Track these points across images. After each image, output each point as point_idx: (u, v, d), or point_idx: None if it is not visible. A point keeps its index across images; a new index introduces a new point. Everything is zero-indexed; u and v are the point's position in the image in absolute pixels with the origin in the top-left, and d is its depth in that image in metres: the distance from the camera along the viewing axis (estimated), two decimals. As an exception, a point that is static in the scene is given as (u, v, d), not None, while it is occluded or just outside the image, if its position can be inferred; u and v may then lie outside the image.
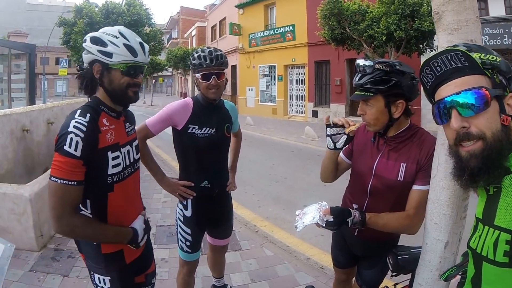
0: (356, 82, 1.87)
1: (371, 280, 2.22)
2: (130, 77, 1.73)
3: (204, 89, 2.40)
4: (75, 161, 1.52)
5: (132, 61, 1.71)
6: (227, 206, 2.78)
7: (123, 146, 1.82)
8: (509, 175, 1.06)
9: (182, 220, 2.59)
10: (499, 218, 1.05)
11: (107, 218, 1.75)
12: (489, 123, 1.07)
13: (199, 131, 2.41)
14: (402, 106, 1.85)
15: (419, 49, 11.55)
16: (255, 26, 23.31)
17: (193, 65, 2.39)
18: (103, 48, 1.67)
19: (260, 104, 23.41)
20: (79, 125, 1.57)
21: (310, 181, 7.50)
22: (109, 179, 1.72)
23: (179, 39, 47.13)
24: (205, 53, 2.36)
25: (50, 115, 6.08)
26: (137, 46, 1.73)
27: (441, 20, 1.53)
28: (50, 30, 27.25)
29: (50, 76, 44.41)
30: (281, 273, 3.69)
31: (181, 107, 2.43)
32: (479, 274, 1.13)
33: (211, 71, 2.35)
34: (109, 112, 1.76)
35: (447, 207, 1.60)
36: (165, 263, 3.74)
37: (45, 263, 3.61)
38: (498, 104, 1.07)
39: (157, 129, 2.43)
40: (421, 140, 1.89)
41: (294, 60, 20.48)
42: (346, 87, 17.80)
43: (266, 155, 10.12)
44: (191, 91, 34.82)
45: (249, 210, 5.64)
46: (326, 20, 12.62)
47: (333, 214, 1.80)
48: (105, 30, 1.74)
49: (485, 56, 1.09)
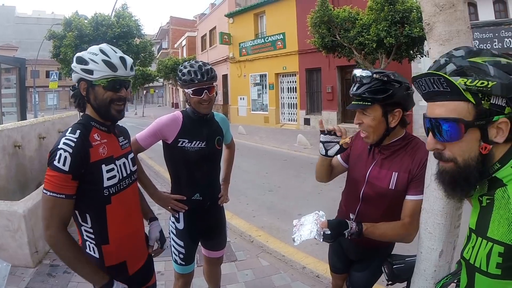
0: (354, 92, 1.90)
1: (359, 283, 2.24)
2: (113, 91, 1.78)
3: (195, 104, 2.39)
4: (64, 175, 1.60)
5: (112, 76, 1.76)
6: (219, 218, 2.77)
7: (118, 158, 1.87)
8: (501, 188, 1.06)
9: (174, 233, 2.59)
10: (492, 230, 1.05)
11: (108, 231, 1.78)
12: (461, 151, 1.09)
13: (189, 145, 2.41)
14: (399, 115, 1.89)
15: (410, 55, 11.64)
16: (245, 35, 23.38)
17: (183, 81, 2.37)
18: (85, 66, 1.75)
19: (252, 113, 23.42)
20: (68, 141, 1.65)
21: (304, 189, 7.52)
22: (105, 191, 1.76)
23: (169, 49, 47.18)
24: (195, 68, 2.36)
25: (41, 129, 6.05)
26: (116, 60, 1.78)
27: (432, 31, 1.54)
28: (39, 43, 27.18)
29: (40, 89, 44.11)
30: (277, 283, 3.68)
31: (170, 121, 2.43)
32: (472, 284, 1.14)
33: (202, 86, 2.35)
34: (100, 127, 1.83)
35: (441, 216, 1.61)
36: (161, 276, 3.69)
37: (41, 279, 3.58)
38: (479, 132, 1.07)
39: (147, 143, 2.44)
40: (414, 150, 1.93)
41: (285, 68, 20.56)
42: (338, 94, 17.91)
43: (259, 164, 10.12)
44: (182, 101, 34.78)
45: (244, 220, 5.63)
46: (316, 28, 12.68)
47: (330, 227, 1.82)
48: (90, 49, 1.81)
49: (472, 81, 1.02)
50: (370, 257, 2.20)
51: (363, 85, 1.86)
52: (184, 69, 2.39)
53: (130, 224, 1.92)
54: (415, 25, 10.43)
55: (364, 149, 2.13)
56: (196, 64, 2.39)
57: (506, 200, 1.03)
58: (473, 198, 1.20)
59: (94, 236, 1.77)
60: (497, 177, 1.09)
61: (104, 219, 1.77)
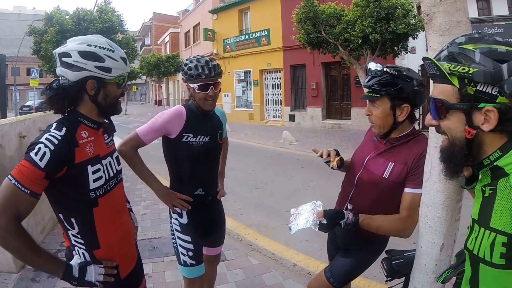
0: (365, 83, 1.99)
1: (339, 270, 2.20)
2: (121, 88, 1.75)
3: (201, 100, 2.35)
4: (37, 170, 1.44)
5: (125, 73, 1.72)
6: (220, 212, 2.74)
7: (104, 157, 1.75)
8: (504, 178, 1.06)
9: (179, 230, 2.46)
10: (494, 220, 1.05)
11: (97, 234, 1.67)
12: (448, 129, 1.18)
13: (194, 140, 2.36)
14: (406, 110, 1.94)
15: (394, 51, 11.74)
16: (229, 31, 23.28)
17: (190, 75, 2.32)
18: (101, 63, 1.61)
19: (236, 109, 23.34)
20: (51, 138, 1.50)
21: (291, 186, 7.52)
22: (92, 194, 1.63)
23: (152, 45, 46.75)
24: (202, 63, 2.32)
25: (22, 128, 5.85)
26: (125, 55, 1.72)
27: (432, 21, 1.53)
28: (20, 39, 26.51)
29: (21, 87, 42.89)
30: (269, 282, 3.63)
31: (175, 115, 2.35)
32: (476, 275, 1.13)
33: (209, 81, 2.31)
34: (88, 123, 1.68)
35: (441, 210, 1.60)
36: (148, 279, 3.57)
37: (25, 285, 3.45)
38: (464, 116, 1.12)
39: (149, 138, 2.36)
40: (414, 143, 1.96)
41: (270, 64, 20.54)
42: (322, 90, 18.01)
43: (245, 161, 10.06)
44: (165, 99, 34.46)
45: (232, 218, 5.53)
46: (301, 24, 12.66)
47: (327, 217, 1.88)
48: (92, 42, 1.64)
49: (455, 66, 1.09)
50: (356, 246, 2.19)
51: (374, 78, 1.95)
52: (190, 63, 2.34)
53: (120, 226, 1.82)
54: (400, 21, 10.52)
55: (371, 138, 2.21)
56: (203, 59, 2.35)
57: (509, 190, 1.03)
58: (476, 189, 1.20)
59: (84, 241, 1.66)
60: (499, 166, 1.10)
61: (92, 223, 1.66)
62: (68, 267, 1.57)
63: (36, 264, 1.54)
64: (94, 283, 1.63)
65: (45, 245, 4.24)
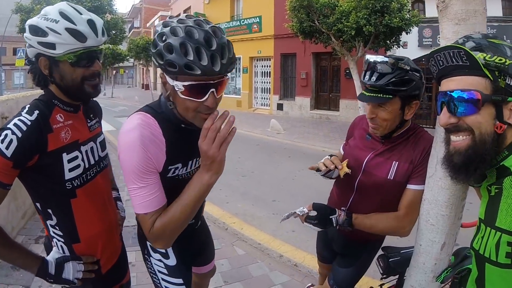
0: (373, 82, 1.65)
1: (343, 280, 2.10)
2: (83, 67, 1.47)
3: (188, 111, 1.28)
4: (3, 160, 1.30)
5: (81, 48, 1.42)
6: (205, 230, 2.23)
7: (83, 143, 1.58)
8: (509, 177, 1.05)
9: (166, 273, 1.80)
10: (500, 219, 1.05)
11: (77, 228, 1.54)
12: (478, 123, 1.09)
13: (184, 170, 1.49)
14: (415, 107, 1.75)
15: (387, 45, 11.69)
16: (220, 16, 22.86)
17: (168, 63, 1.17)
18: (43, 38, 1.39)
19: (224, 96, 22.90)
20: (20, 123, 1.34)
21: (278, 175, 7.47)
22: (68, 184, 1.49)
23: (141, 28, 45.82)
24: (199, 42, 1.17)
25: (4, 109, 5.64)
26: (84, 27, 1.43)
27: (447, 9, 1.44)
28: (7, 18, 25.65)
29: (7, 67, 41.51)
30: (255, 273, 3.57)
31: (148, 146, 1.29)
32: (482, 275, 1.13)
33: (209, 81, 1.21)
34: (64, 107, 1.52)
35: (445, 207, 1.54)
36: (132, 267, 3.40)
37: (4, 273, 3.29)
38: (494, 110, 1.07)
39: (159, 195, 1.33)
40: (417, 139, 1.81)
41: (260, 52, 20.31)
42: (312, 80, 17.93)
43: (232, 148, 9.43)
44: (153, 83, 33.96)
45: (217, 206, 5.47)
46: (295, 12, 12.49)
47: (316, 208, 1.77)
48: (45, 12, 1.44)
49: (491, 57, 1.04)
50: (355, 252, 2.07)
51: (384, 75, 1.63)
52: (172, 35, 1.18)
53: (102, 219, 1.67)
54: (394, 15, 10.44)
55: (362, 136, 1.98)
56: (200, 31, 1.19)
57: None
58: (482, 189, 1.19)
59: (62, 234, 1.54)
60: (505, 166, 1.09)
61: (70, 215, 1.52)
62: (43, 262, 1.46)
63: (7, 259, 1.43)
64: (72, 281, 1.51)
65: (26, 231, 4.10)
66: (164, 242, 1.34)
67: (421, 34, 13.85)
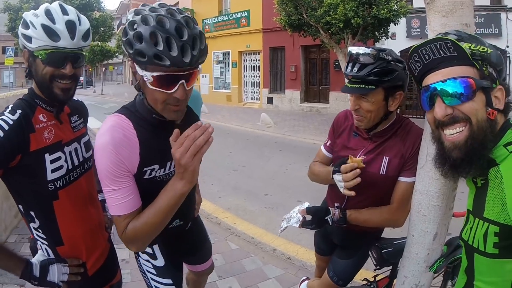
0: (355, 73, 1.66)
1: (343, 272, 2.11)
2: (53, 67, 1.44)
3: (157, 102, 1.28)
4: None
5: (52, 47, 1.41)
6: (200, 229, 2.18)
7: (67, 144, 1.57)
8: (494, 167, 1.07)
9: (155, 273, 1.78)
10: (487, 210, 1.07)
11: (60, 230, 1.52)
12: (474, 110, 1.08)
13: (162, 171, 1.42)
14: (399, 98, 1.74)
15: (375, 36, 11.73)
16: (208, 11, 22.75)
17: (137, 52, 1.17)
18: (25, 31, 1.40)
19: (214, 91, 23.01)
20: (2, 123, 1.33)
21: (269, 169, 7.49)
22: (50, 186, 1.47)
23: (129, 24, 45.45)
24: (168, 31, 1.15)
25: (-7, 107, 5.57)
26: (60, 26, 1.41)
27: (434, 1, 1.45)
28: (-4, 17, 25.22)
29: (-4, 66, 41.24)
30: (249, 267, 3.58)
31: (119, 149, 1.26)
32: (471, 265, 1.16)
33: (178, 72, 1.20)
34: (45, 106, 1.51)
35: (437, 198, 1.55)
36: (126, 264, 3.43)
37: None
38: (484, 97, 1.09)
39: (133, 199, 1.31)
40: (406, 132, 1.81)
41: (249, 46, 20.23)
42: (301, 73, 17.95)
43: (223, 143, 9.89)
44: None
45: (209, 201, 5.46)
46: (283, 5, 12.49)
47: (310, 213, 1.80)
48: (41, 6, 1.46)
49: (475, 46, 1.08)
50: (355, 244, 2.08)
51: (366, 66, 1.64)
52: (143, 24, 1.17)
53: (86, 220, 1.65)
54: (382, 6, 10.47)
55: (349, 134, 1.97)
56: (170, 20, 1.17)
57: (499, 179, 1.04)
58: (468, 181, 1.21)
59: (46, 237, 1.52)
60: (490, 157, 1.10)
61: (52, 217, 1.50)
62: (28, 264, 1.44)
63: None
64: (57, 283, 1.50)
65: (19, 230, 4.06)
66: (136, 245, 1.34)
67: (409, 24, 13.91)
